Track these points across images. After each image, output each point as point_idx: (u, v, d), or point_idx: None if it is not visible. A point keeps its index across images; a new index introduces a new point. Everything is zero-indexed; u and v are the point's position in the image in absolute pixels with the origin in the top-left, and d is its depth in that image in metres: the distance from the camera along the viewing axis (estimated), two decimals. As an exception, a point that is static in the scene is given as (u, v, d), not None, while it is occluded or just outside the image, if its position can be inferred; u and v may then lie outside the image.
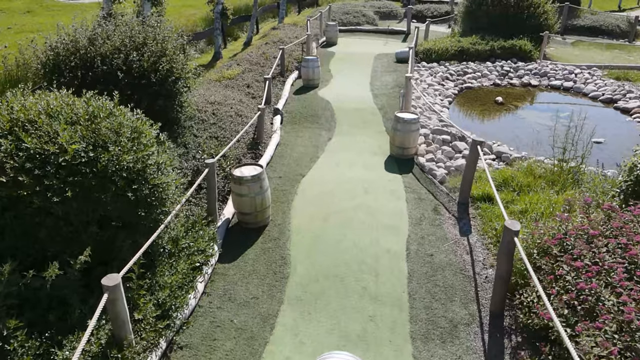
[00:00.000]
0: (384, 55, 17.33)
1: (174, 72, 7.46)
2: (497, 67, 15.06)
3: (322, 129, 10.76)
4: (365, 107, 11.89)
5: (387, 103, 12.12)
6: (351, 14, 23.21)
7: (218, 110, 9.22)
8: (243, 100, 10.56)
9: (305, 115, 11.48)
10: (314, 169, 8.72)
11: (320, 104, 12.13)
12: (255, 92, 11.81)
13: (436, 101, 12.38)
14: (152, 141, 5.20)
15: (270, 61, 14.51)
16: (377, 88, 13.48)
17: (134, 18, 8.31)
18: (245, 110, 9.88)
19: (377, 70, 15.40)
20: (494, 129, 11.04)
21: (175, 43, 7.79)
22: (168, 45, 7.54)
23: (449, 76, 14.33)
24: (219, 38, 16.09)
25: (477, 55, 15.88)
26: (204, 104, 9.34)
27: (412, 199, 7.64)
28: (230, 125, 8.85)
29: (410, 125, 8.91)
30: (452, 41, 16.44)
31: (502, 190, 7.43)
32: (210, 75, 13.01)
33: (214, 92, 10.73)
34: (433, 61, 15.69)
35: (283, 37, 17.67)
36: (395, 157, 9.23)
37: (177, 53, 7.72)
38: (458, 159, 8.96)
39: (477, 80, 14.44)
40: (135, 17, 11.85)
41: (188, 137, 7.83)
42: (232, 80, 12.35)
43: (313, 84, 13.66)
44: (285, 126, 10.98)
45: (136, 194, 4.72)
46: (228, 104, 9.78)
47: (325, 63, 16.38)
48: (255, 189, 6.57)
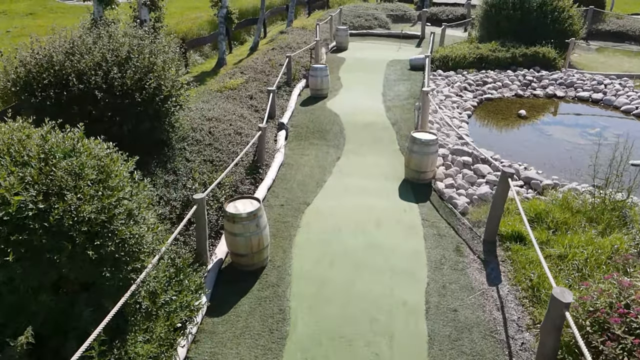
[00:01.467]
0: (397, 61, 16.39)
1: (163, 89, 6.62)
2: (518, 77, 14.04)
3: (330, 146, 9.87)
4: (377, 121, 10.97)
5: (401, 117, 11.19)
6: (363, 17, 22.29)
7: (215, 128, 8.37)
8: (244, 115, 9.71)
9: (312, 130, 10.60)
10: (321, 195, 7.84)
11: (328, 117, 11.24)
12: (259, 104, 10.95)
13: (454, 115, 11.42)
14: (125, 181, 4.34)
15: (276, 69, 13.65)
16: (389, 99, 12.56)
17: (117, 28, 7.48)
18: (246, 127, 9.02)
19: (390, 79, 14.47)
20: (518, 147, 10.06)
21: (166, 56, 6.94)
22: (157, 60, 6.69)
23: (467, 86, 13.36)
24: (223, 43, 15.27)
25: (497, 63, 14.87)
26: (200, 121, 8.49)
27: (431, 236, 6.72)
28: (227, 145, 7.99)
29: (427, 147, 7.99)
30: (470, 48, 15.45)
31: (534, 227, 6.48)
32: (212, 85, 12.18)
33: (213, 106, 9.89)
34: (450, 69, 14.71)
35: (291, 42, 16.81)
36: (411, 182, 8.32)
37: (167, 68, 6.87)
38: (481, 185, 8.02)
39: (497, 91, 13.45)
40: (132, 22, 11.09)
41: (179, 162, 6.98)
42: (234, 91, 11.50)
43: (321, 94, 12.77)
44: (291, 142, 10.10)
45: (99, 251, 3.86)
46: (227, 120, 8.93)
47: (335, 70, 15.49)
48: (251, 227, 5.70)
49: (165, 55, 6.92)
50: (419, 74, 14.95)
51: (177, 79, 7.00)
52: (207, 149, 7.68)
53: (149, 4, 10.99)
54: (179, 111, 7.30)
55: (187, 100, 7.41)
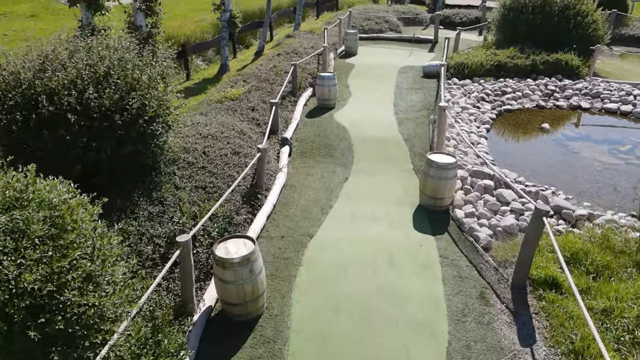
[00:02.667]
0: (410, 68, 15.54)
1: (148, 109, 5.85)
2: (540, 86, 13.13)
3: (337, 164, 9.06)
4: (388, 136, 10.14)
5: (415, 132, 10.35)
6: (373, 20, 21.44)
7: (211, 148, 7.59)
8: (244, 130, 8.93)
9: (318, 146, 9.80)
10: (326, 225, 7.04)
11: (335, 131, 10.43)
12: (261, 117, 10.17)
13: (472, 129, 10.56)
14: (87, 235, 3.58)
15: (281, 77, 12.87)
16: (402, 110, 11.72)
17: (107, 36, 6.73)
18: (245, 145, 8.24)
19: (402, 87, 13.63)
20: (542, 166, 9.18)
21: (153, 71, 6.16)
22: (143, 76, 5.93)
23: (485, 96, 12.48)
24: (226, 49, 14.52)
25: (517, 70, 13.97)
26: (194, 140, 7.73)
27: (451, 277, 5.89)
28: (223, 168, 7.21)
29: (445, 171, 7.16)
30: (487, 54, 14.55)
31: (570, 270, 5.63)
32: (212, 95, 11.44)
33: (211, 119, 9.13)
34: (466, 77, 13.84)
35: (297, 47, 16.02)
36: (426, 208, 7.49)
37: (154, 84, 6.09)
38: (506, 214, 7.17)
39: (517, 102, 12.56)
40: (126, 28, 10.39)
41: (167, 189, 6.21)
42: (235, 102, 10.74)
43: (329, 105, 11.97)
44: (295, 159, 9.32)
45: (45, 329, 3.10)
46: (224, 138, 8.16)
47: (344, 77, 14.68)
48: (244, 274, 4.92)
49: (152, 70, 6.15)
50: (433, 82, 14.10)
51: (165, 97, 6.23)
52: (199, 172, 6.91)
53: (145, 8, 10.26)
54: (169, 132, 6.53)
55: (176, 119, 6.63)
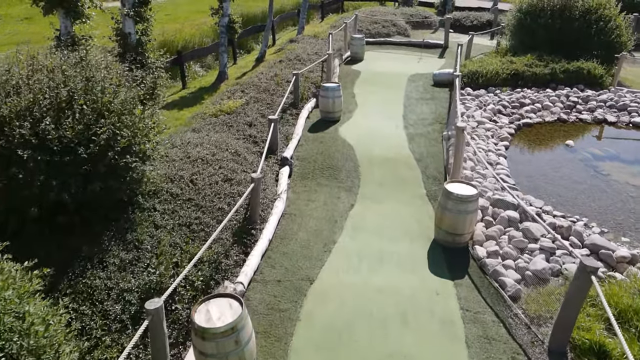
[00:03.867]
0: (419, 76, 14.64)
1: (120, 140, 5.00)
2: (560, 97, 12.19)
3: (341, 188, 8.19)
4: (398, 155, 9.25)
5: (427, 150, 9.44)
6: (380, 24, 20.53)
7: (200, 175, 6.74)
8: (239, 150, 8.07)
9: (322, 166, 8.93)
10: (329, 266, 6.16)
11: (340, 149, 9.54)
12: (259, 133, 9.30)
13: (489, 146, 9.65)
14: (14, 327, 2.72)
15: (282, 87, 12.00)
16: (412, 124, 10.83)
17: (89, 47, 5.88)
18: (239, 170, 7.38)
19: (412, 97, 12.74)
20: (570, 192, 8.27)
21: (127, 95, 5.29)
22: (115, 99, 5.07)
23: (502, 108, 11.56)
24: (224, 56, 13.67)
25: (535, 79, 13.02)
26: (180, 165, 6.87)
27: (475, 339, 5.00)
28: (212, 199, 6.35)
29: (466, 204, 6.27)
30: (502, 62, 13.62)
31: (619, 333, 4.72)
32: (207, 107, 10.58)
33: (203, 138, 8.28)
34: (480, 87, 12.91)
35: (300, 53, 15.15)
36: (442, 245, 6.60)
37: (130, 108, 5.24)
38: (534, 253, 6.27)
39: (536, 114, 11.62)
40: (114, 36, 9.57)
41: (144, 229, 5.35)
42: (232, 116, 9.88)
43: (333, 118, 11.10)
44: (295, 182, 8.45)
45: None
46: (216, 162, 7.30)
47: (349, 85, 13.80)
48: (227, 345, 4.05)
49: (127, 93, 5.28)
50: (444, 92, 13.20)
51: (142, 122, 5.36)
52: (185, 206, 6.04)
53: (134, 15, 9.42)
54: (151, 160, 5.67)
55: (157, 147, 5.77)
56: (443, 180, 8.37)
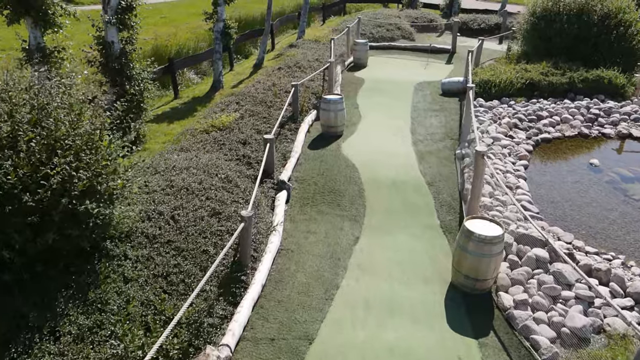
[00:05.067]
0: (427, 84, 13.76)
1: (77, 183, 4.13)
2: (580, 109, 11.30)
3: (345, 217, 7.33)
4: (407, 178, 8.38)
5: (439, 172, 8.57)
6: (384, 27, 19.64)
7: (183, 209, 5.88)
8: (230, 176, 7.20)
9: (322, 190, 8.07)
10: (330, 318, 5.30)
11: (343, 170, 8.67)
12: (253, 153, 8.44)
13: (507, 166, 8.78)
14: None
15: (280, 98, 11.14)
16: (421, 140, 9.95)
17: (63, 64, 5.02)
18: (229, 201, 6.51)
19: (419, 108, 11.87)
20: (601, 221, 7.39)
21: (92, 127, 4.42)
22: (74, 131, 4.21)
23: (517, 122, 10.67)
24: (219, 63, 12.81)
25: (552, 89, 12.14)
26: (162, 196, 6.01)
27: (509, 422, 4.14)
28: (196, 240, 5.49)
29: (490, 246, 5.41)
30: (516, 70, 12.73)
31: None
32: (198, 123, 9.72)
33: (190, 161, 7.43)
34: (493, 97, 12.03)
35: (300, 60, 14.28)
36: (461, 291, 5.74)
37: (94, 141, 4.37)
38: (570, 304, 5.39)
39: (555, 128, 10.74)
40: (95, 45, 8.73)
41: (110, 284, 4.49)
42: (224, 133, 9.02)
43: (335, 132, 10.24)
44: (293, 208, 7.60)
45: None
46: (203, 191, 6.44)
47: (352, 94, 12.94)
48: None
49: (91, 124, 4.42)
50: (454, 102, 12.34)
51: (110, 157, 4.50)
52: (163, 251, 5.18)
53: (116, 22, 8.56)
54: (121, 199, 4.81)
55: (129, 185, 4.91)
56: (458, 208, 7.50)
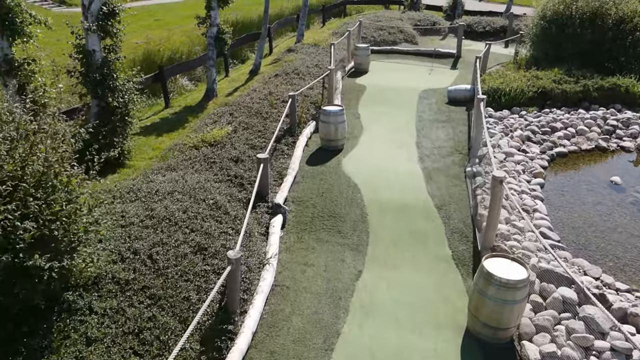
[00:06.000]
0: (431, 92, 13.06)
1: (23, 234, 3.43)
2: (597, 120, 10.60)
3: (346, 246, 6.63)
4: (414, 200, 7.68)
5: (449, 193, 7.87)
6: (386, 30, 18.94)
7: (163, 246, 5.18)
8: (220, 201, 6.51)
9: (322, 213, 7.37)
10: (330, 376, 4.61)
11: (344, 190, 7.97)
12: (247, 172, 7.75)
13: (522, 185, 8.08)
14: None
15: (276, 109, 10.45)
16: (427, 155, 9.26)
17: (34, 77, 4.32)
18: (216, 233, 5.81)
19: (425, 119, 11.17)
20: (629, 250, 6.68)
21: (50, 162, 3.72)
22: (19, 171, 3.51)
23: (530, 134, 9.97)
24: (212, 70, 12.11)
25: (565, 98, 11.44)
26: (138, 231, 5.31)
27: None
28: (177, 283, 4.80)
29: (513, 292, 4.71)
30: (527, 78, 12.04)
31: None
32: (187, 138, 9.02)
33: (175, 184, 6.73)
34: (503, 107, 11.33)
35: (299, 66, 13.59)
36: (479, 339, 5.04)
37: (52, 179, 3.67)
38: (605, 357, 4.69)
39: (570, 141, 10.04)
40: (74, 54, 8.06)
41: (69, 350, 3.79)
42: (215, 149, 8.33)
43: (335, 147, 9.54)
44: (289, 234, 6.91)
45: None
46: (188, 221, 5.75)
47: (353, 103, 12.25)
48: None
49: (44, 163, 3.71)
50: (461, 112, 11.65)
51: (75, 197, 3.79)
52: (136, 300, 4.48)
53: (96, 29, 7.87)
54: (84, 244, 4.11)
55: (91, 227, 4.21)
56: (471, 235, 6.80)
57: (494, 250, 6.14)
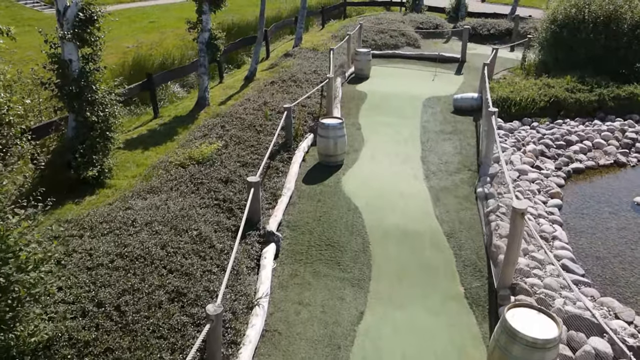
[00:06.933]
0: (436, 100, 12.36)
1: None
2: (615, 132, 9.90)
3: (346, 281, 5.94)
4: (420, 227, 6.97)
5: (459, 218, 7.17)
6: (387, 33, 18.23)
7: (134, 293, 4.48)
8: (204, 232, 5.81)
9: (319, 241, 6.67)
10: None
11: (344, 214, 7.27)
12: (237, 195, 7.05)
13: (538, 208, 7.39)
14: None
15: (271, 120, 9.75)
16: (434, 173, 8.56)
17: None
18: (198, 273, 5.10)
19: (430, 130, 10.48)
20: (661, 285, 6.01)
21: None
22: None
23: (544, 149, 9.28)
24: (204, 78, 11.40)
25: (579, 108, 10.75)
26: (105, 276, 4.61)
27: None
28: (148, 341, 4.09)
29: (543, 352, 4.02)
30: (538, 86, 11.34)
31: None
32: (173, 155, 8.31)
33: (156, 211, 6.04)
34: (513, 118, 10.63)
35: (296, 72, 12.89)
36: (501, 402, 4.35)
37: None
38: None
39: (587, 155, 9.35)
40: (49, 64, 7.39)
41: None
42: (203, 168, 7.64)
43: (335, 162, 8.85)
44: (283, 266, 6.22)
45: None
46: (166, 258, 5.05)
47: (353, 112, 11.56)
48: None
49: None
50: (469, 122, 10.95)
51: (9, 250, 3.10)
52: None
53: (71, 37, 7.17)
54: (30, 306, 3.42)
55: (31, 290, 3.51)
56: (486, 269, 6.10)
57: (513, 289, 5.45)
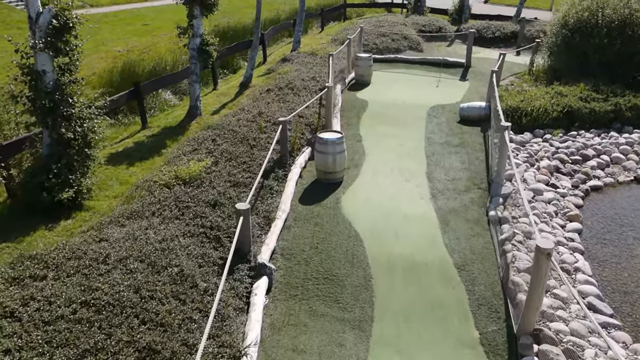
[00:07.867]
0: (441, 108, 11.71)
1: None
2: (634, 146, 9.25)
3: (346, 323, 5.29)
4: (428, 256, 6.31)
5: (470, 246, 6.51)
6: (389, 37, 17.56)
7: (98, 352, 3.83)
8: (186, 269, 5.16)
9: (317, 274, 6.02)
10: None
11: (344, 242, 6.61)
12: (225, 221, 6.39)
13: (556, 233, 6.74)
14: None
15: (266, 133, 9.10)
16: (441, 191, 7.91)
17: None
18: (176, 321, 4.44)
19: (435, 142, 9.83)
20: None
21: None
22: None
23: (559, 164, 8.63)
24: (195, 87, 10.75)
25: (594, 119, 10.10)
26: (63, 334, 3.94)
27: None
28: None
29: None
30: (550, 95, 10.69)
31: None
32: (158, 174, 7.64)
33: (133, 243, 5.39)
34: (524, 129, 9.99)
35: (294, 79, 12.23)
36: None
37: None
38: None
39: (605, 171, 8.71)
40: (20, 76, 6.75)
41: None
42: (190, 189, 6.99)
43: (334, 180, 8.20)
44: (277, 304, 5.57)
45: None
46: (139, 305, 4.40)
47: (354, 121, 10.92)
48: None
49: None
50: (476, 133, 10.30)
51: None
52: None
53: (44, 47, 6.53)
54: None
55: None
56: (502, 309, 5.44)
57: (536, 336, 4.79)
